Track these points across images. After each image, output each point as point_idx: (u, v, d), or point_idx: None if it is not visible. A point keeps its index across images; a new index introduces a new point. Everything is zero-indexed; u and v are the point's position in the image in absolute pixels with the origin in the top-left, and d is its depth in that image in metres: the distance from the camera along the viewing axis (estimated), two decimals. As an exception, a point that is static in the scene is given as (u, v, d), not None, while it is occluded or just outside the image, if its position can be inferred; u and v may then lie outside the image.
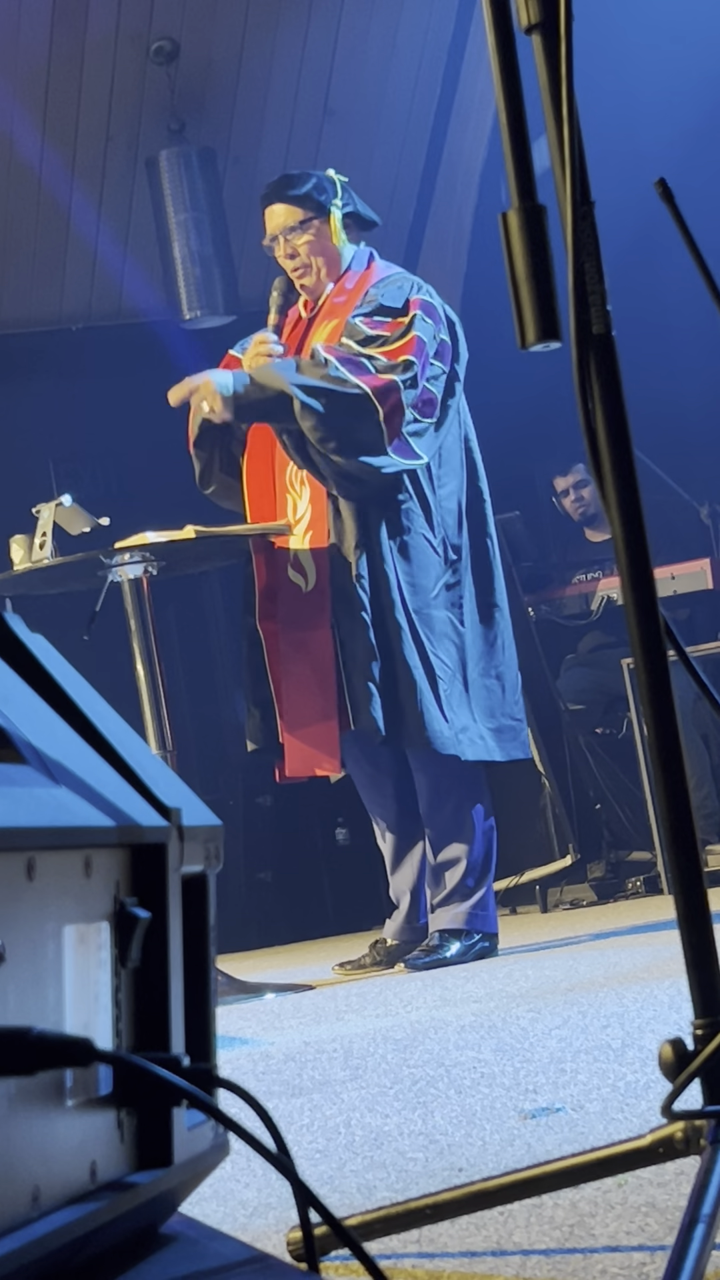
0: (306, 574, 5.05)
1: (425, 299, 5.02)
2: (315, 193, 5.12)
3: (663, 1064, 1.60)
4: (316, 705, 5.00)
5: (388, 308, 5.00)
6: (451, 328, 5.08)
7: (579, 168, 1.64)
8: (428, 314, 4.98)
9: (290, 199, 5.12)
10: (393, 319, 4.98)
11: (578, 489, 7.52)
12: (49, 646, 1.53)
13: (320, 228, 5.11)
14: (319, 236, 5.11)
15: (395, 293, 5.03)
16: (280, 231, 5.12)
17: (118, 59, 7.55)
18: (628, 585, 1.64)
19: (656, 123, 7.58)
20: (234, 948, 7.06)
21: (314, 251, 5.11)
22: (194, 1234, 1.42)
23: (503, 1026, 3.33)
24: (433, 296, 5.05)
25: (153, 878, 1.37)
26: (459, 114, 8.21)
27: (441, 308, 5.06)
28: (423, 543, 5.00)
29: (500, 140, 1.61)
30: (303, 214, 5.11)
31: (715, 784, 6.83)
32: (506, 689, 5.11)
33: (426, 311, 4.98)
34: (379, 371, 4.89)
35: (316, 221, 5.11)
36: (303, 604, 5.05)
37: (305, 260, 5.11)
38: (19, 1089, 1.15)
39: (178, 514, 5.28)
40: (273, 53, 7.77)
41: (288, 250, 5.12)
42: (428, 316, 4.98)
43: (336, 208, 5.13)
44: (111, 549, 5.03)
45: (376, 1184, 2.15)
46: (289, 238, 5.11)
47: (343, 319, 5.05)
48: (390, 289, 5.04)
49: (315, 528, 5.05)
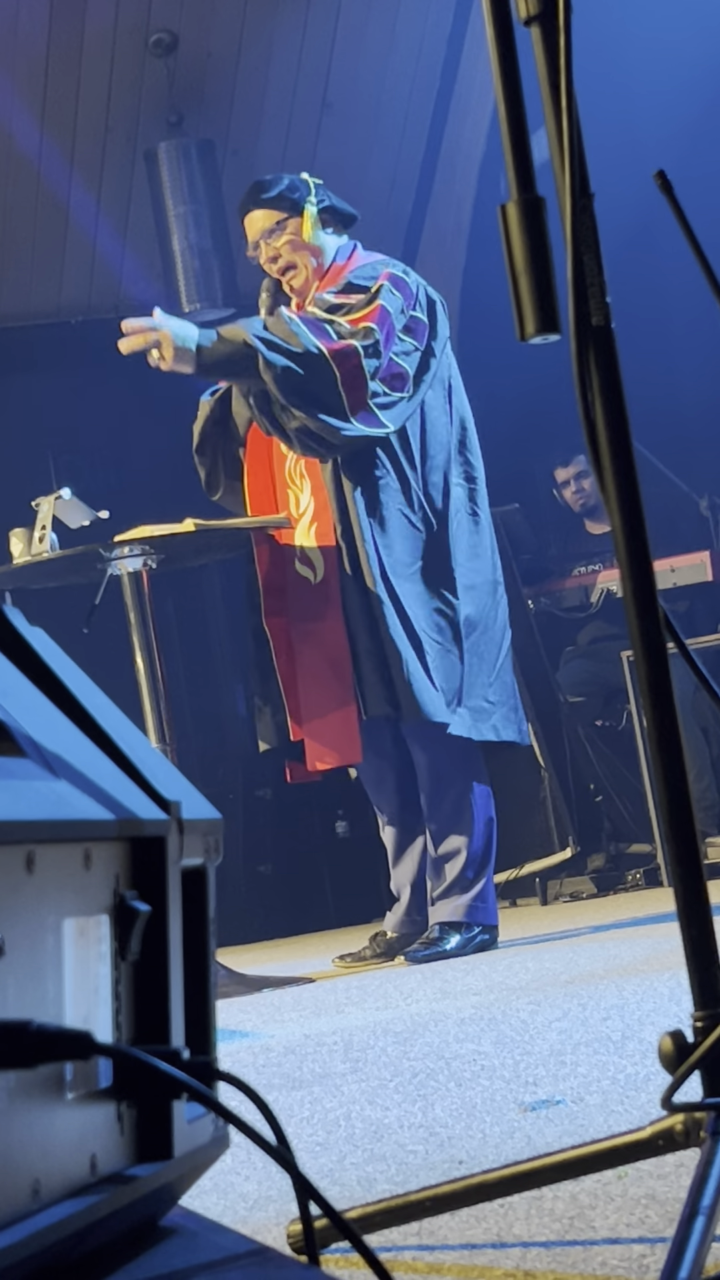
0: (315, 566, 5.04)
1: (397, 274, 5.02)
2: (288, 192, 5.12)
3: (662, 1056, 1.60)
4: (334, 695, 4.99)
5: (356, 285, 5.00)
6: (431, 307, 5.07)
7: (578, 160, 1.64)
8: (396, 286, 4.98)
9: (264, 202, 5.12)
10: (356, 291, 4.99)
11: (578, 480, 7.52)
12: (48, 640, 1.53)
13: (296, 226, 5.11)
14: (296, 235, 5.11)
15: (367, 271, 5.04)
16: (260, 236, 5.13)
17: (116, 51, 7.54)
18: (627, 577, 1.64)
19: (656, 115, 7.57)
20: (234, 940, 7.07)
21: (295, 249, 5.11)
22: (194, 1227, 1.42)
23: (503, 1019, 3.33)
24: (408, 275, 5.05)
25: (152, 871, 1.36)
26: (458, 106, 8.21)
27: (418, 286, 5.06)
28: (399, 517, 5.00)
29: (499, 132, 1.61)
30: (278, 215, 5.11)
31: (715, 776, 6.83)
32: (485, 668, 5.08)
33: (395, 284, 4.99)
34: (340, 337, 4.88)
35: (292, 221, 5.11)
36: (312, 596, 5.04)
37: (289, 260, 5.12)
38: (19, 1082, 1.15)
39: (177, 507, 5.28)
40: (271, 45, 7.76)
41: (270, 254, 5.13)
42: (396, 289, 4.98)
43: (310, 204, 5.12)
44: (111, 542, 5.03)
45: (376, 1176, 2.15)
46: (268, 241, 5.12)
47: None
48: (364, 269, 5.05)
49: (319, 520, 5.05)
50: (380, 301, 4.93)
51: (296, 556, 5.08)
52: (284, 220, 5.11)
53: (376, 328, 4.91)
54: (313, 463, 5.04)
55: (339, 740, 5.01)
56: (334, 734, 5.01)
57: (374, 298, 4.94)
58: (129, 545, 5.03)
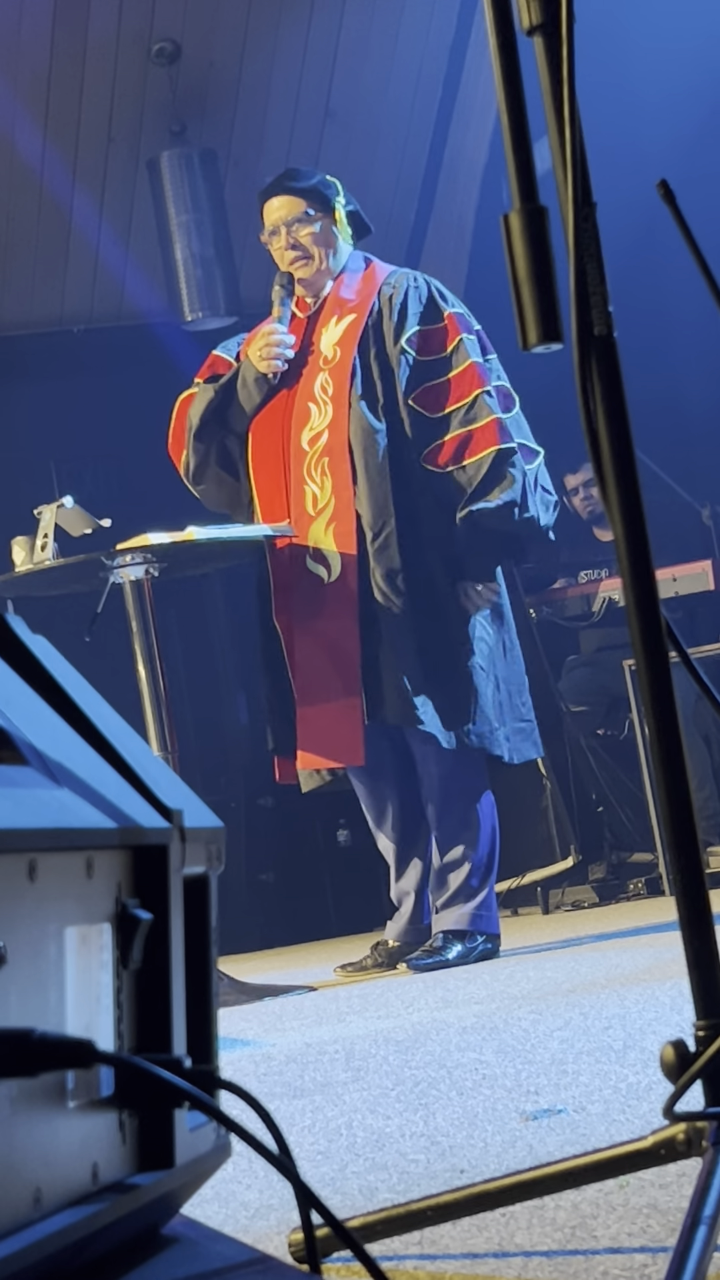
0: (330, 566, 5.02)
1: (458, 311, 5.06)
2: (321, 187, 5.15)
3: (664, 1065, 1.60)
4: (337, 696, 4.98)
5: (418, 311, 5.03)
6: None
7: (580, 169, 1.64)
8: (465, 329, 5.02)
9: (295, 191, 5.14)
10: (426, 325, 5.02)
11: (587, 488, 7.52)
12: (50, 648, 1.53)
13: (325, 221, 5.13)
14: (322, 229, 5.13)
15: (414, 291, 5.06)
16: (283, 223, 5.13)
17: (119, 60, 7.55)
18: (630, 586, 1.64)
19: (658, 124, 7.58)
20: (235, 949, 7.06)
21: (317, 243, 5.12)
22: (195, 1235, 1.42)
23: (504, 1028, 3.33)
24: (459, 304, 5.10)
25: (154, 879, 1.37)
26: (460, 115, 8.22)
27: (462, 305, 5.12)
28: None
29: (502, 142, 1.61)
30: (307, 205, 5.12)
31: (717, 785, 6.83)
32: (516, 690, 5.13)
33: (464, 326, 5.03)
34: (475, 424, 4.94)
35: (321, 214, 5.13)
36: (324, 595, 5.02)
37: (308, 250, 5.12)
38: (21, 1090, 1.15)
39: (179, 515, 5.28)
40: (274, 54, 7.77)
41: (289, 241, 5.13)
42: (467, 331, 5.02)
43: (340, 204, 5.16)
44: (113, 550, 5.03)
45: (378, 1185, 2.15)
46: (292, 229, 5.12)
47: (360, 315, 5.07)
48: (409, 288, 5.07)
49: (339, 519, 5.02)
50: (470, 359, 4.99)
51: (309, 554, 5.06)
52: (312, 212, 5.12)
53: (485, 379, 4.98)
54: (338, 461, 5.01)
55: (337, 741, 4.99)
56: (332, 735, 5.00)
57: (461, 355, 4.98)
58: (131, 553, 5.03)
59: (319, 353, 5.12)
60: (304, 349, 5.14)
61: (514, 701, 5.09)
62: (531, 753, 5.17)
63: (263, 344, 5.09)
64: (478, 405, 4.96)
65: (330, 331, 5.11)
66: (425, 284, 5.10)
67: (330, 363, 5.08)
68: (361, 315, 5.07)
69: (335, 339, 5.09)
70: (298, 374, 5.12)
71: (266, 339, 5.09)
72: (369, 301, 5.09)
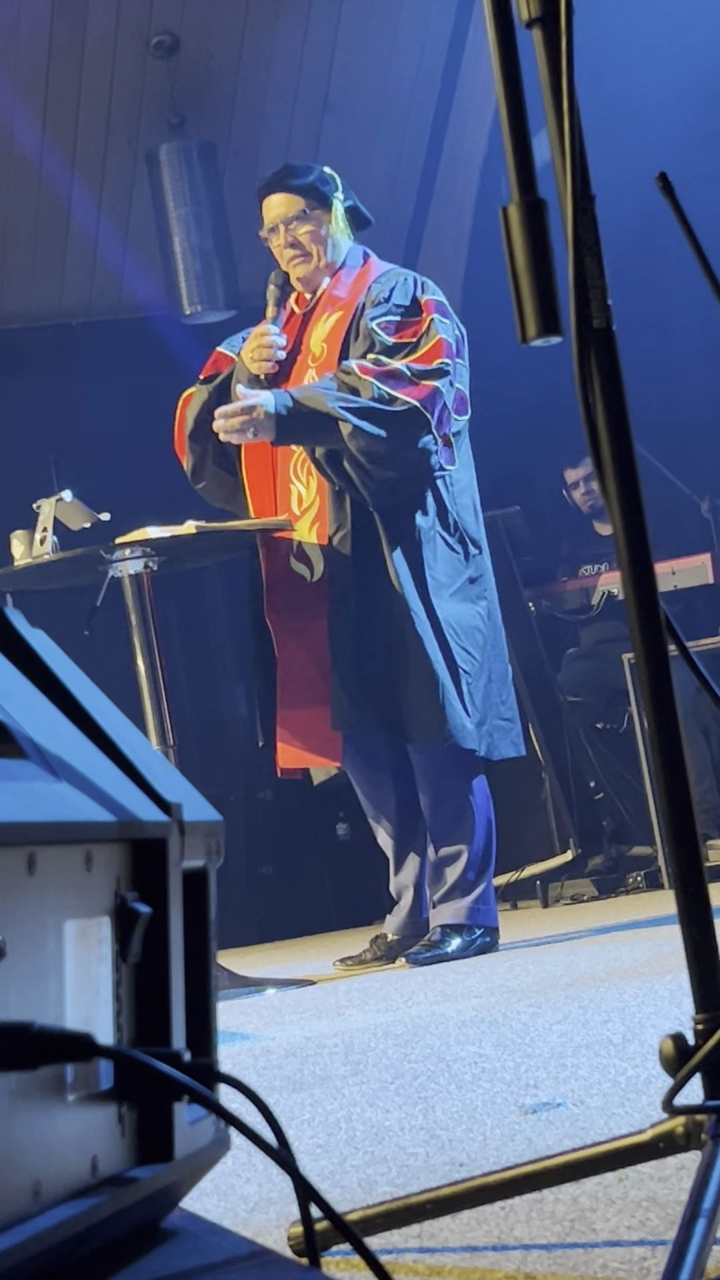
0: (312, 565, 5.04)
1: (436, 299, 5.02)
2: (319, 183, 5.14)
3: (663, 1059, 1.60)
4: (316, 697, 4.99)
5: (401, 305, 5.00)
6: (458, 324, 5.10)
7: (579, 162, 1.64)
8: (443, 314, 4.99)
9: (293, 188, 5.13)
10: (406, 316, 4.97)
11: (587, 482, 7.52)
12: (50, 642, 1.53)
13: (322, 218, 5.13)
14: (320, 226, 5.12)
15: (401, 288, 5.04)
16: (281, 220, 5.12)
17: (118, 53, 7.54)
18: (629, 580, 1.64)
19: (657, 117, 7.57)
20: (235, 943, 7.07)
21: (315, 240, 5.12)
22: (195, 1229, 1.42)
23: (503, 1021, 3.33)
24: (438, 294, 5.06)
25: (154, 873, 1.36)
26: (459, 108, 8.21)
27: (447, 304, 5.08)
28: (436, 538, 5.00)
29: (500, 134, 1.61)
30: (305, 203, 5.12)
31: (716, 778, 6.83)
32: (498, 686, 5.11)
33: (441, 312, 4.99)
34: (417, 378, 4.87)
35: (319, 212, 5.13)
36: (306, 595, 5.04)
37: (306, 248, 5.12)
38: (20, 1084, 1.15)
39: (178, 509, 5.28)
40: (273, 47, 7.76)
41: (288, 239, 5.13)
42: (444, 316, 4.99)
43: (338, 200, 5.16)
44: (112, 544, 5.03)
45: (377, 1179, 2.15)
46: (290, 226, 5.12)
47: (347, 313, 5.06)
48: (396, 285, 5.04)
49: (321, 519, 5.04)
50: (440, 335, 4.93)
51: (293, 553, 5.07)
52: (310, 209, 5.11)
53: (449, 361, 4.91)
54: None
55: (313, 743, 5.01)
56: (310, 736, 5.01)
57: (430, 332, 4.93)
58: (130, 547, 5.03)
59: (309, 350, 5.13)
60: (296, 346, 5.15)
61: (493, 700, 5.06)
62: (509, 751, 5.10)
63: (255, 345, 5.10)
64: (434, 367, 4.91)
65: (320, 329, 5.12)
66: (414, 282, 5.07)
67: (318, 360, 5.09)
68: (348, 313, 5.07)
69: (323, 336, 5.10)
70: (290, 372, 5.13)
71: (259, 340, 5.10)
72: (357, 299, 5.09)
